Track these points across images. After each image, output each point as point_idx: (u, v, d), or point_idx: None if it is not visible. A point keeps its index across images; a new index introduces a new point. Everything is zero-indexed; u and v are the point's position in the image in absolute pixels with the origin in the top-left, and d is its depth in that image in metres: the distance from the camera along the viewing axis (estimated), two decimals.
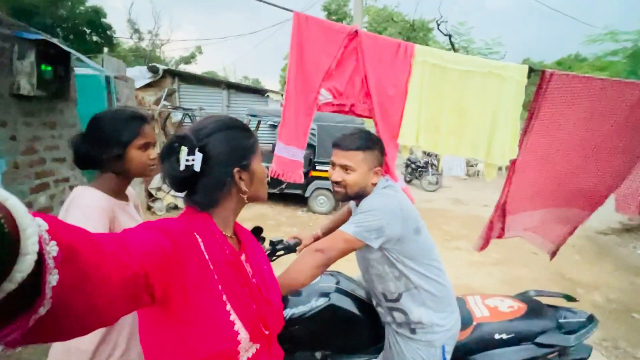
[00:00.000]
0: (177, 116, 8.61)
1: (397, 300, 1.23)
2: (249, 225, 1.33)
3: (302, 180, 1.58)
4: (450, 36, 13.59)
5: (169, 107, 8.54)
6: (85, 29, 16.38)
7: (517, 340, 1.32)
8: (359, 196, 1.22)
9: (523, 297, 1.54)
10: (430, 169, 9.23)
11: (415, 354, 1.20)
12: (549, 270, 3.87)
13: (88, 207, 0.90)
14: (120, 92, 4.31)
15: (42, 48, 2.23)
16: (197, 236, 0.64)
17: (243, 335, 0.63)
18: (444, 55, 1.50)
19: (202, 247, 0.64)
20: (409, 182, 9.98)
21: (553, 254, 1.93)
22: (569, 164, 1.66)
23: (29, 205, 2.34)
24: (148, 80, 8.99)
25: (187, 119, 8.80)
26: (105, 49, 17.04)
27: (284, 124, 1.47)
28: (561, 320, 1.38)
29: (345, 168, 1.18)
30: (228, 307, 0.63)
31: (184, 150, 0.64)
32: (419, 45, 1.46)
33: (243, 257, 0.75)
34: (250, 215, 5.66)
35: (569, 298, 1.56)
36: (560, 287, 3.45)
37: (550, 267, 3.89)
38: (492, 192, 9.09)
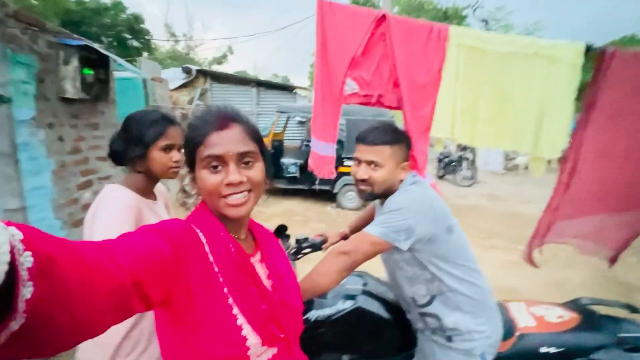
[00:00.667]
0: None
1: (428, 304, 1.15)
2: (276, 222, 1.33)
3: (333, 176, 1.54)
4: (486, 22, 12.85)
5: (201, 106, 8.85)
6: (126, 35, 17.44)
7: (567, 355, 1.18)
8: (385, 194, 1.15)
9: (575, 305, 1.37)
10: (464, 163, 8.83)
11: None
12: (599, 273, 3.54)
13: (115, 206, 0.93)
14: (156, 93, 4.51)
15: (84, 53, 2.37)
16: (202, 236, 0.62)
17: (253, 340, 0.60)
18: (482, 36, 1.34)
19: (207, 248, 0.61)
20: (441, 177, 9.63)
21: (613, 260, 1.71)
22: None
23: (74, 201, 2.51)
24: (182, 81, 9.36)
25: None
26: (145, 53, 18.03)
27: (315, 119, 1.43)
28: (622, 335, 1.21)
29: (371, 164, 1.12)
30: (235, 310, 0.60)
31: None
32: (453, 26, 1.33)
33: (258, 257, 0.73)
34: (279, 211, 5.73)
35: (632, 309, 1.36)
36: (613, 293, 3.14)
37: (600, 268, 3.56)
38: (532, 187, 8.49)
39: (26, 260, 0.30)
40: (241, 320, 0.60)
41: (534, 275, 3.54)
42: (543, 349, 1.18)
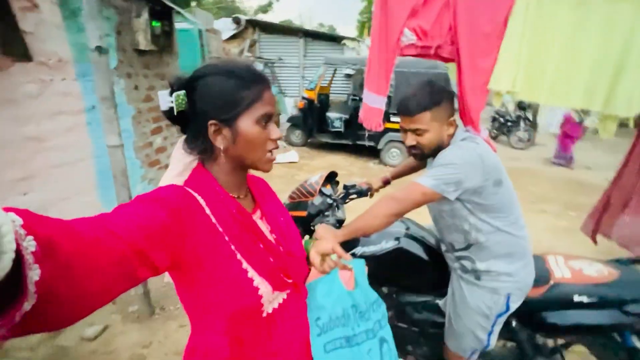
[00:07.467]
0: (258, 67, 8.96)
1: (465, 249, 1.26)
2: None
3: (381, 128, 1.58)
4: None
5: (251, 58, 8.92)
6: None
7: (599, 305, 1.23)
8: (437, 151, 1.21)
9: (617, 263, 1.39)
10: (522, 124, 8.14)
11: (478, 300, 1.24)
12: None
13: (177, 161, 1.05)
14: (210, 45, 4.67)
15: (151, 6, 2.53)
16: (201, 199, 0.63)
17: (264, 289, 0.65)
18: None
19: (207, 211, 0.63)
20: (494, 138, 9.03)
21: None
22: None
23: (150, 144, 2.87)
24: (232, 32, 9.37)
25: (267, 70, 9.13)
26: (193, 2, 17.93)
27: (369, 70, 1.43)
28: None
29: (416, 132, 1.17)
30: (245, 265, 0.64)
31: (167, 91, 0.64)
32: None
33: (258, 215, 0.75)
34: (323, 165, 5.92)
35: None
36: None
37: None
38: (597, 153, 7.62)
39: (30, 244, 0.31)
40: (251, 273, 0.64)
41: (586, 241, 3.37)
42: (576, 298, 1.24)
